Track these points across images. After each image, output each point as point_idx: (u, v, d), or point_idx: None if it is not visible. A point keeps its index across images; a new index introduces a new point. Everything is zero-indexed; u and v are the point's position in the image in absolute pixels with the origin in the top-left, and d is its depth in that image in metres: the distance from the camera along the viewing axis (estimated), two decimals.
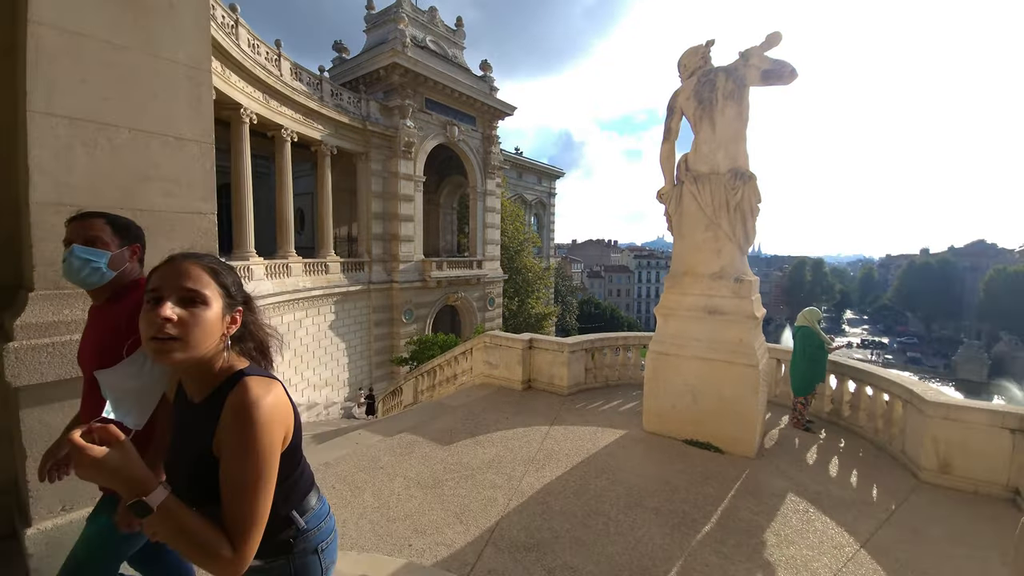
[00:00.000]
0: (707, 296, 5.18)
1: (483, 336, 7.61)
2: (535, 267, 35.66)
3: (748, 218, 5.04)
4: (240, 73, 14.50)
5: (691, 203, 5.31)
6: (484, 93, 26.96)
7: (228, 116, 14.81)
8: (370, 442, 5.25)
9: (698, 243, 5.28)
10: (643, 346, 7.69)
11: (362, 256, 22.51)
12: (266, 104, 16.19)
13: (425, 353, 13.95)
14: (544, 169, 50.94)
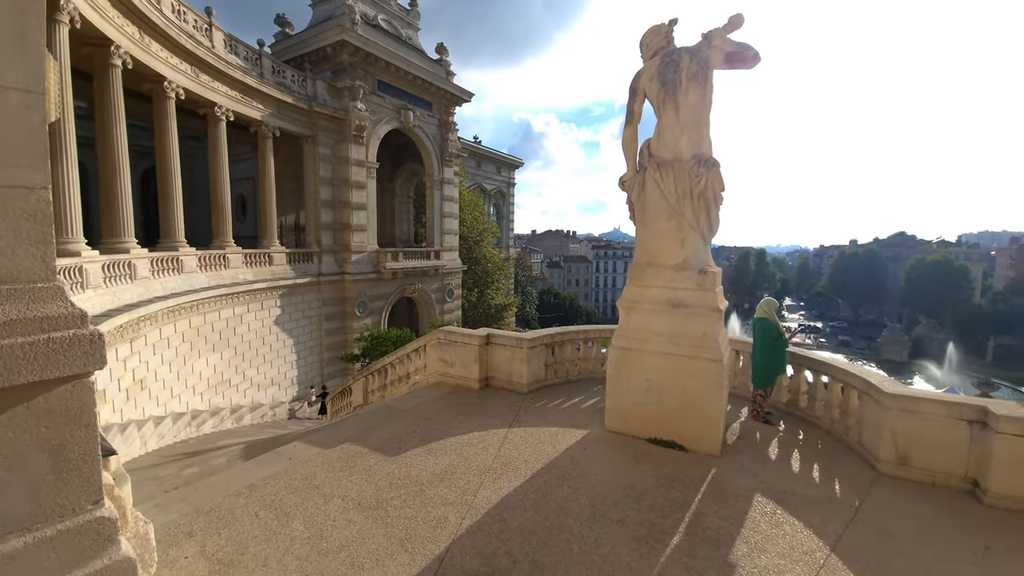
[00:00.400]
0: (670, 288, 4.94)
1: (437, 332, 7.10)
2: (495, 257, 35.22)
3: (712, 207, 4.82)
4: (163, 41, 12.92)
5: (654, 191, 5.04)
6: (440, 77, 25.94)
7: (150, 90, 13.22)
8: (306, 456, 4.65)
9: (661, 232, 5.02)
10: (605, 339, 7.46)
11: (311, 246, 21.15)
12: (195, 78, 14.60)
13: (377, 349, 13.18)
14: (503, 159, 50.30)
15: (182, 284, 13.83)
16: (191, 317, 14.30)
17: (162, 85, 13.20)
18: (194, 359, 14.58)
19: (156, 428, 11.25)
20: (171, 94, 13.50)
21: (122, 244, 11.58)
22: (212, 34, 15.36)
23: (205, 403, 15.29)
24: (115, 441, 8.58)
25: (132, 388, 11.09)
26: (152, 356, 12.25)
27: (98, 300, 9.65)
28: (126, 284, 11.22)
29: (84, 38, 10.42)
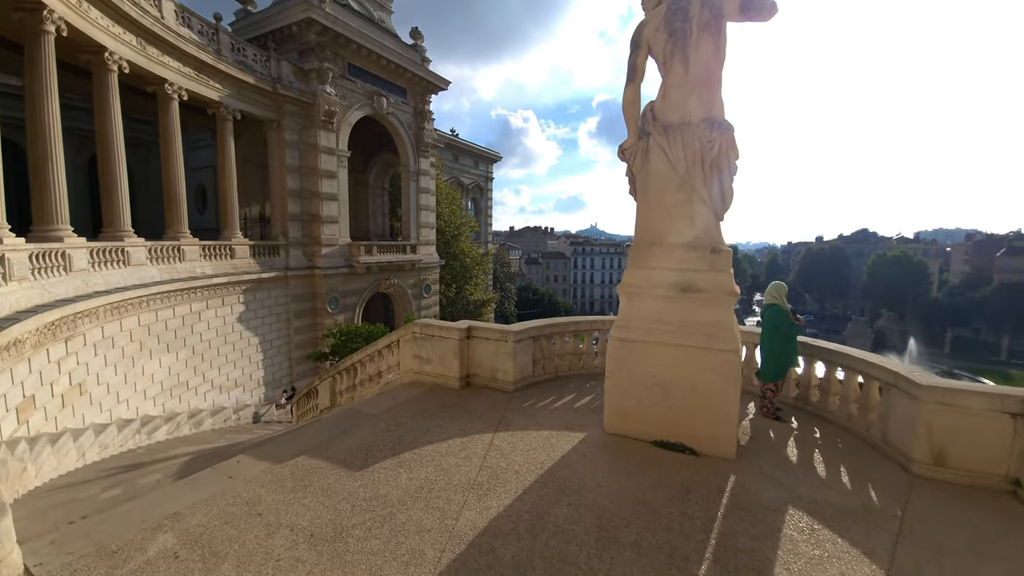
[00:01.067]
0: (679, 271, 4.35)
1: (411, 326, 6.35)
2: (473, 252, 34.36)
3: (726, 177, 4.25)
4: (102, 7, 11.57)
5: (659, 159, 4.43)
6: (415, 63, 24.86)
7: (88, 61, 11.85)
8: (251, 473, 3.86)
9: (668, 207, 4.42)
10: (596, 331, 6.87)
11: (277, 239, 19.87)
12: (142, 51, 13.24)
13: (348, 346, 12.23)
14: (481, 152, 49.38)
15: (129, 278, 12.53)
16: (140, 314, 13.01)
17: (102, 56, 11.86)
18: (144, 360, 13.30)
19: (98, 437, 10.07)
20: (113, 67, 12.16)
21: (55, 232, 10.29)
22: (161, 4, 13.99)
23: (158, 408, 14.03)
24: (44, 454, 7.49)
25: (69, 393, 9.88)
26: (93, 357, 11.01)
27: (23, 294, 8.44)
28: (59, 276, 9.97)
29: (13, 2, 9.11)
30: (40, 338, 8.78)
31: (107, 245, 11.89)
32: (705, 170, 4.23)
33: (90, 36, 11.35)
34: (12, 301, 7.95)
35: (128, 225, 13.05)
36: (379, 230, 29.39)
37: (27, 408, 8.19)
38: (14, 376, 7.78)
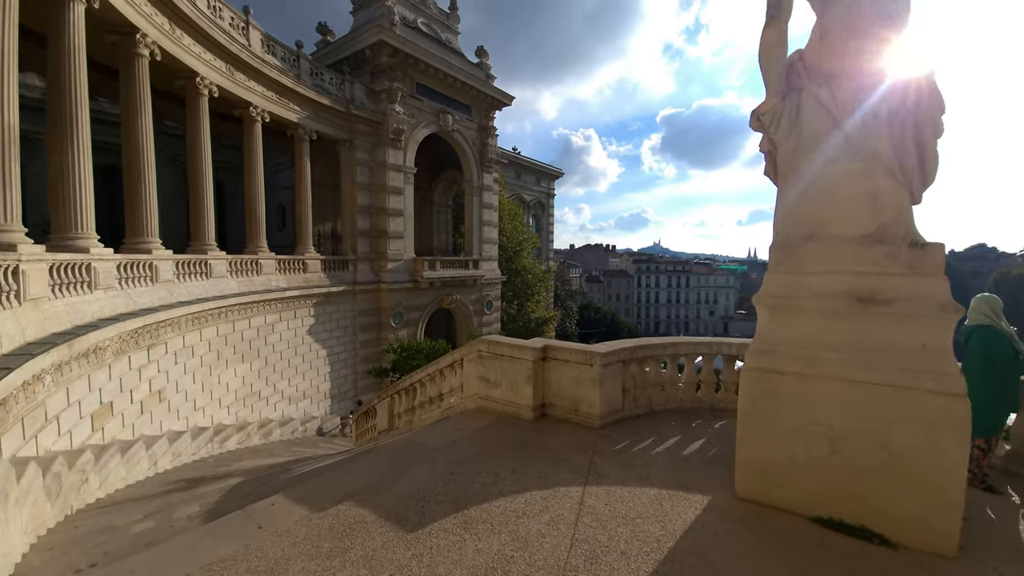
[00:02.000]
0: (855, 274, 3.07)
1: (477, 343, 5.47)
2: (535, 269, 33.56)
3: (928, 138, 2.94)
4: (195, 35, 12.40)
5: (820, 119, 3.22)
6: (480, 80, 24.99)
7: (182, 87, 12.71)
8: (284, 523, 3.08)
9: (834, 183, 3.17)
10: (701, 356, 5.56)
11: (346, 254, 20.34)
12: (230, 76, 14.10)
13: (409, 363, 11.71)
14: (543, 169, 49.05)
15: (210, 289, 13.03)
16: (219, 324, 13.46)
17: (194, 81, 12.66)
18: (220, 369, 13.70)
19: (171, 445, 10.21)
20: (204, 90, 12.96)
21: (145, 245, 10.84)
22: (249, 32, 14.91)
23: (232, 417, 14.37)
24: (111, 464, 7.47)
25: (148, 400, 10.14)
26: (173, 365, 11.35)
27: (108, 302, 8.76)
28: (145, 287, 10.41)
29: (109, 25, 9.86)
30: (122, 345, 9.03)
31: (191, 258, 12.43)
32: (894, 128, 2.96)
33: (183, 62, 12.14)
34: (95, 309, 8.19)
35: (212, 239, 13.69)
36: (442, 246, 29.58)
37: (103, 415, 8.33)
38: (91, 383, 7.93)
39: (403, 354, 12.33)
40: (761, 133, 3.60)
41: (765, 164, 3.65)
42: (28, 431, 5.91)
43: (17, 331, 5.79)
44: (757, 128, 3.59)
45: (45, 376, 6.41)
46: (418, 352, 11.94)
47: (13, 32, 6.15)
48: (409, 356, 12.08)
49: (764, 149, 3.59)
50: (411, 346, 12.66)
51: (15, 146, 6.25)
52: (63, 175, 8.15)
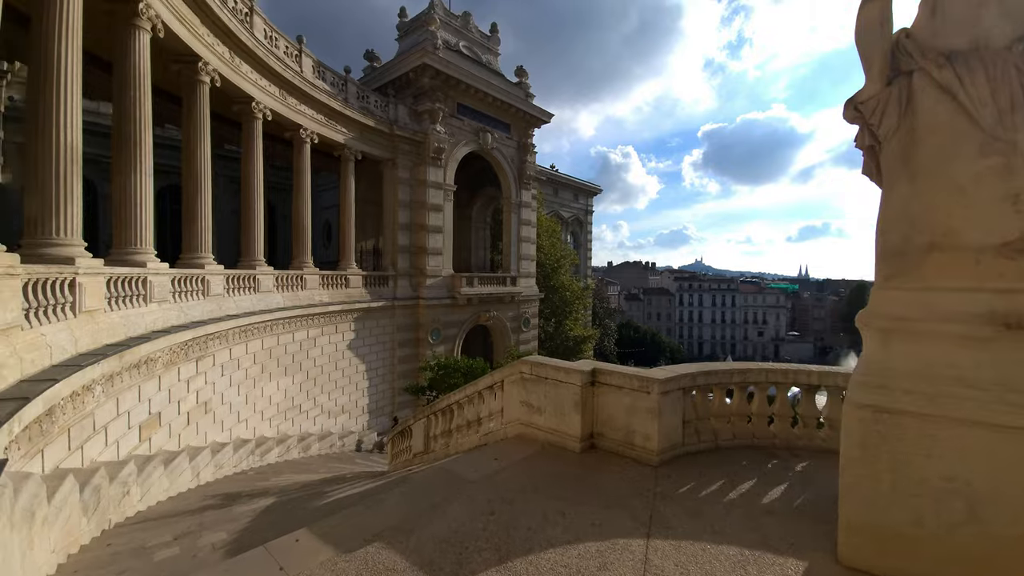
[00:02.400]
0: (1001, 292, 2.45)
1: (520, 364, 5.06)
2: (573, 286, 32.89)
3: None
4: (252, 63, 13.10)
5: (940, 106, 2.66)
6: (519, 98, 25.18)
7: (238, 111, 13.39)
8: (307, 567, 2.75)
9: (964, 183, 2.59)
10: (774, 384, 4.89)
11: (387, 270, 20.64)
12: (283, 100, 14.78)
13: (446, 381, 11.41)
14: (581, 185, 48.73)
15: (257, 303, 13.40)
16: (264, 338, 13.79)
17: (250, 106, 13.31)
18: (264, 382, 13.98)
19: (214, 457, 10.35)
20: (258, 114, 13.59)
21: (198, 260, 11.28)
22: (302, 60, 15.66)
23: (273, 430, 14.57)
24: (154, 475, 7.55)
25: (195, 411, 10.36)
26: (220, 377, 11.63)
27: (161, 315, 9.05)
28: (197, 300, 10.77)
29: (174, 54, 10.50)
30: (172, 357, 9.28)
31: (240, 272, 12.85)
32: None
33: (241, 88, 12.79)
34: (149, 321, 8.45)
35: (261, 255, 14.16)
36: (480, 263, 29.59)
37: (151, 425, 8.50)
38: (141, 394, 8.12)
39: (440, 372, 12.04)
40: (857, 125, 3.06)
41: (864, 162, 3.09)
42: (74, 441, 6.00)
43: (69, 342, 5.95)
44: (853, 120, 3.05)
45: (95, 387, 6.56)
46: (455, 370, 11.62)
47: (77, 56, 6.54)
48: (446, 374, 11.78)
49: (862, 144, 3.04)
50: (448, 364, 12.35)
51: (77, 165, 6.58)
52: (125, 194, 8.58)
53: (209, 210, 11.48)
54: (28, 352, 4.97)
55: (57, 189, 6.30)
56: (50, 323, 5.71)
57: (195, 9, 10.47)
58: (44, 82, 6.17)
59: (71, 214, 6.47)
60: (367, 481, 5.49)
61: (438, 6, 22.87)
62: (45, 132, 6.19)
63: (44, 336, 5.42)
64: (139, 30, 8.58)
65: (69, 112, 6.41)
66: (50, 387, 4.65)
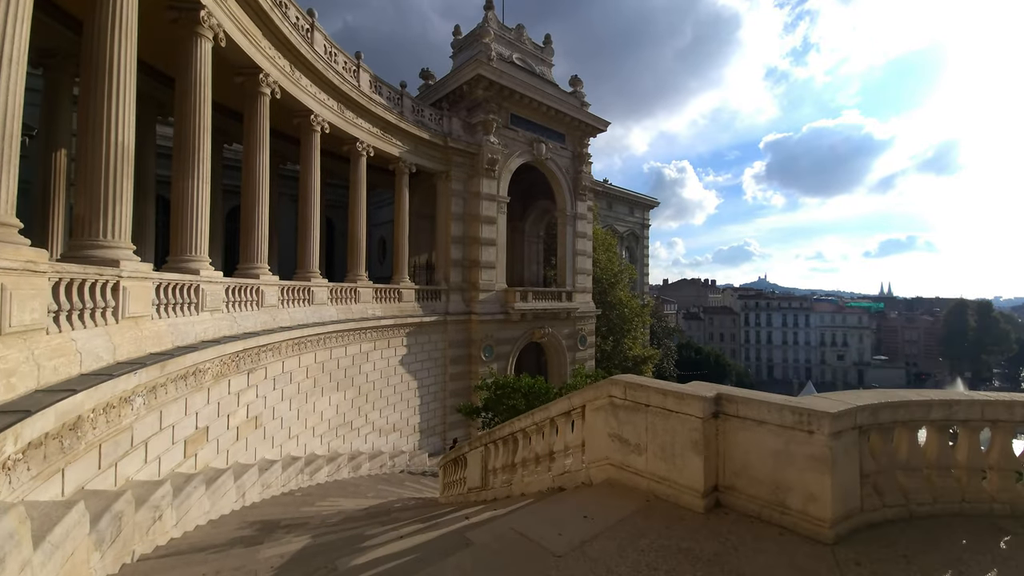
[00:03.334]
0: None
1: (609, 384, 3.85)
2: (631, 303, 30.94)
3: None
4: (312, 76, 13.19)
5: None
6: (574, 107, 24.32)
7: (298, 124, 13.47)
8: None
9: None
10: (991, 422, 3.33)
11: (439, 284, 20.14)
12: (340, 114, 14.82)
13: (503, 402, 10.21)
14: (637, 198, 46.83)
15: (311, 316, 13.13)
16: (317, 351, 13.47)
17: (309, 118, 13.35)
18: (316, 397, 13.59)
19: (261, 476, 9.85)
20: (316, 127, 13.61)
21: (254, 270, 11.13)
22: (359, 74, 15.75)
23: (324, 446, 14.11)
24: (193, 496, 6.99)
25: (244, 426, 9.95)
26: (271, 391, 11.27)
27: (213, 324, 8.75)
28: (250, 311, 10.52)
29: (237, 67, 10.58)
30: (223, 368, 8.92)
31: (295, 284, 12.65)
32: None
33: (300, 101, 12.84)
34: (199, 330, 8.11)
35: (316, 267, 14.00)
36: (533, 278, 28.60)
37: (198, 440, 8.06)
38: (188, 406, 7.69)
39: (496, 392, 10.81)
40: None
41: None
42: (106, 459, 5.48)
43: (106, 349, 5.51)
44: None
45: (135, 398, 6.10)
46: (514, 391, 10.36)
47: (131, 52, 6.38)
48: (504, 395, 10.56)
49: None
50: (506, 383, 11.10)
51: (128, 165, 6.33)
52: (182, 200, 8.44)
53: (266, 220, 11.36)
54: (51, 358, 4.47)
55: (106, 189, 6.04)
56: (85, 328, 5.29)
57: (257, 22, 10.54)
58: (95, 77, 6.00)
59: (119, 215, 6.19)
60: (415, 525, 4.43)
61: (492, 20, 22.77)
62: (95, 129, 5.98)
63: (74, 342, 4.96)
64: (201, 38, 8.56)
65: (121, 110, 6.19)
66: (65, 399, 4.07)
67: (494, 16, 22.89)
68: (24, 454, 3.94)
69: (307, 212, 13.61)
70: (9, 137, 4.12)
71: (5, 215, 4.13)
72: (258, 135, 10.94)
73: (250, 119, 10.93)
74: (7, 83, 4.00)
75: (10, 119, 4.12)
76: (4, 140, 4.02)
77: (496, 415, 9.63)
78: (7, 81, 4.01)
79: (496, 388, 10.79)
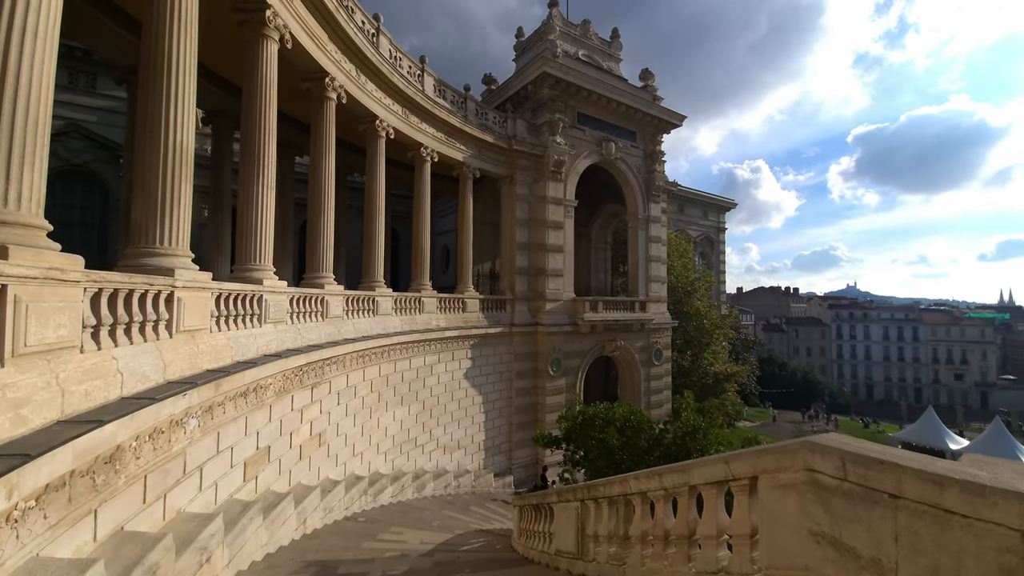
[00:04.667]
0: None
1: (804, 449, 2.41)
2: (710, 314, 28.07)
3: None
4: (377, 81, 12.86)
5: None
6: (646, 101, 22.56)
7: (363, 130, 13.17)
8: None
9: None
10: None
11: (504, 293, 19.19)
12: (405, 119, 14.42)
13: (589, 435, 8.48)
14: (711, 200, 43.44)
15: (375, 327, 12.62)
16: (381, 364, 12.92)
17: (374, 124, 13.01)
18: (380, 412, 13.01)
19: (323, 499, 9.23)
20: (382, 132, 13.25)
21: (319, 280, 10.75)
22: (424, 79, 15.34)
23: (388, 464, 13.47)
24: (249, 529, 6.35)
25: (308, 444, 9.42)
26: (336, 406, 10.75)
27: (275, 337, 8.28)
28: (315, 322, 10.07)
29: (303, 73, 10.33)
30: (285, 384, 8.40)
31: (359, 294, 12.20)
32: None
33: (365, 106, 12.51)
34: (261, 344, 7.61)
35: (380, 276, 13.55)
36: (600, 287, 26.86)
37: (259, 461, 7.51)
38: (248, 426, 7.15)
39: (583, 424, 8.90)
40: None
41: None
42: (153, 491, 4.87)
43: (155, 368, 4.94)
44: None
45: (188, 421, 5.53)
46: (606, 422, 8.35)
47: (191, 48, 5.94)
48: (591, 427, 8.63)
49: None
50: (595, 413, 8.98)
51: (187, 168, 5.88)
52: (248, 207, 8.09)
53: (332, 228, 10.99)
54: (81, 382, 3.86)
55: (163, 192, 5.60)
56: (131, 344, 4.74)
57: (323, 24, 10.25)
58: (152, 74, 5.61)
59: (176, 220, 5.73)
60: None
61: (556, 16, 21.78)
62: (152, 129, 5.58)
63: (115, 361, 4.39)
64: (267, 39, 8.25)
65: (180, 109, 5.77)
66: (87, 433, 3.37)
67: (559, 13, 21.89)
68: (39, 500, 3.26)
69: (372, 218, 13.22)
70: (34, 124, 3.56)
71: (29, 214, 3.57)
72: (324, 141, 10.61)
73: (316, 125, 10.64)
74: (32, 59, 3.44)
75: (35, 103, 3.56)
76: (28, 127, 3.44)
77: (579, 447, 8.16)
78: (32, 57, 3.45)
79: (582, 419, 8.89)
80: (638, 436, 6.69)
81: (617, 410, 8.09)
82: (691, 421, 6.50)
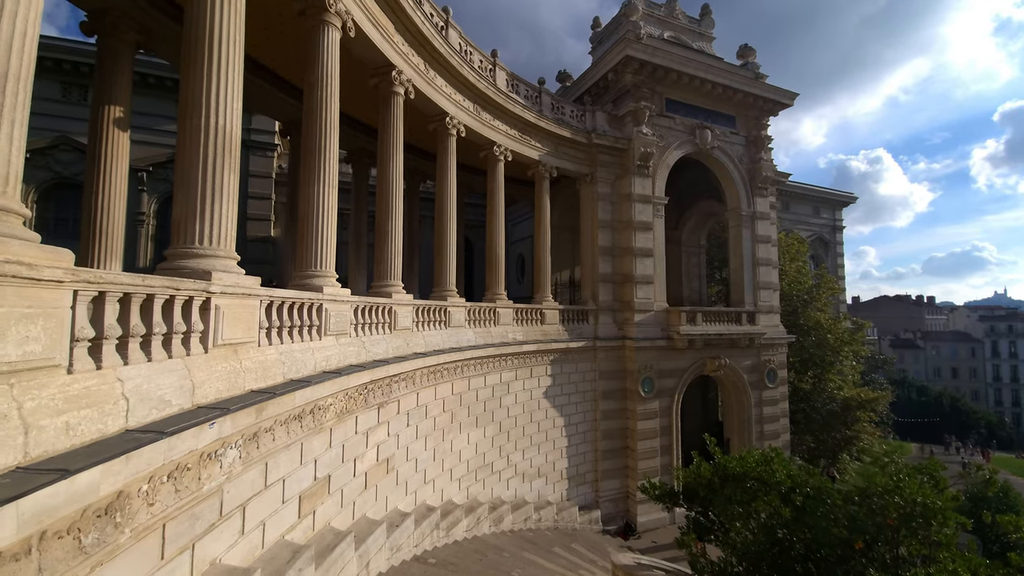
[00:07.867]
0: None
1: None
2: (835, 327, 23.50)
3: None
4: (447, 76, 12.06)
5: None
6: (747, 80, 19.64)
7: (433, 129, 12.41)
8: None
9: None
10: None
11: (586, 303, 17.37)
12: (476, 115, 13.49)
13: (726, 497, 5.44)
14: (825, 195, 37.85)
15: (447, 340, 11.56)
16: (454, 381, 11.82)
17: (444, 121, 12.20)
18: (454, 434, 11.85)
19: (389, 537, 8.11)
20: (452, 130, 12.39)
21: (386, 288, 9.93)
22: (495, 73, 14.37)
23: (462, 493, 12.23)
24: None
25: (374, 472, 8.42)
26: (405, 428, 9.73)
27: (337, 351, 7.41)
28: (381, 334, 9.18)
29: (370, 67, 9.72)
30: (348, 404, 7.46)
31: (430, 304, 11.22)
32: None
33: (435, 102, 11.72)
34: (319, 359, 6.72)
35: (453, 284, 12.57)
36: (694, 296, 23.84)
37: (317, 494, 6.56)
38: (304, 453, 6.22)
39: (720, 481, 5.92)
40: None
41: None
42: (175, 542, 3.92)
43: (178, 390, 4.04)
44: None
45: (225, 452, 4.61)
46: (762, 482, 5.18)
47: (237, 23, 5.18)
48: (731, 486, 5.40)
49: None
50: (738, 471, 6.00)
51: (231, 157, 5.13)
52: (309, 208, 7.40)
53: (400, 232, 10.19)
54: (60, 413, 2.95)
55: (203, 183, 4.86)
56: (149, 361, 3.88)
57: (389, 14, 9.58)
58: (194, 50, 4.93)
59: (219, 216, 4.96)
60: None
61: None
62: (192, 112, 4.89)
63: (120, 383, 3.50)
64: (328, 26, 7.60)
65: (224, 89, 5.06)
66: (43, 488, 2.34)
67: None
68: None
69: (443, 220, 12.32)
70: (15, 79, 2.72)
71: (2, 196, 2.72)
72: (391, 140, 9.87)
73: (383, 124, 9.95)
74: None
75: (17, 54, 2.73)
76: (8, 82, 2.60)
77: (710, 509, 5.85)
78: None
79: (720, 476, 5.99)
80: (819, 506, 4.50)
81: (781, 469, 5.38)
82: (910, 491, 4.14)
